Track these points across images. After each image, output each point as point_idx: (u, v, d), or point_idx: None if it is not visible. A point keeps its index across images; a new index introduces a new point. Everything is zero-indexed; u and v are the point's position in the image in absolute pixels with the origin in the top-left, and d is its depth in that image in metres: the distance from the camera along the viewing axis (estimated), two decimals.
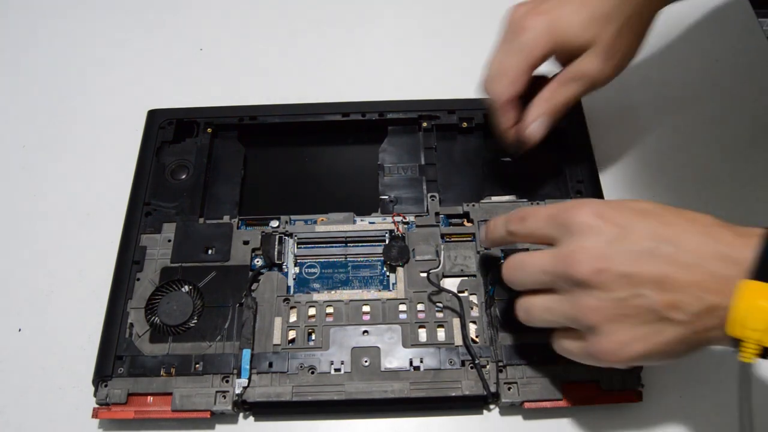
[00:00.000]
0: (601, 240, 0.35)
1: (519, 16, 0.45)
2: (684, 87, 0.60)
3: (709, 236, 0.34)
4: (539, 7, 0.44)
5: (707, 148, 0.56)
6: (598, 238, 0.35)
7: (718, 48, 0.62)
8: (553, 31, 0.43)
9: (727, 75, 0.61)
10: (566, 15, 0.43)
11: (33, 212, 0.55)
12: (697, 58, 0.62)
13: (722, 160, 0.55)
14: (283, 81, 0.62)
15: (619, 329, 0.35)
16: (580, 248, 0.35)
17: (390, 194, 0.52)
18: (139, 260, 0.48)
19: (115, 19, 0.67)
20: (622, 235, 0.35)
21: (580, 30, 0.43)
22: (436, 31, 0.66)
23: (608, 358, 0.36)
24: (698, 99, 0.40)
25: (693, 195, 0.54)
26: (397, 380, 0.43)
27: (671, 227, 0.35)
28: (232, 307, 0.46)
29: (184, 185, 0.53)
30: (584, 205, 0.37)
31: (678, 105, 0.59)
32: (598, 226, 0.35)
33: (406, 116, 0.55)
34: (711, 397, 0.44)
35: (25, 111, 0.61)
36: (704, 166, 0.55)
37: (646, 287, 0.34)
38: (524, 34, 0.44)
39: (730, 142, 0.56)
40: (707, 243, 0.33)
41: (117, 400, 0.43)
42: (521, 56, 0.44)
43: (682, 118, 0.58)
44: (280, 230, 0.50)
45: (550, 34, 0.43)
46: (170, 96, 0.59)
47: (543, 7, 0.44)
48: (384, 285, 0.48)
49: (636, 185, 0.54)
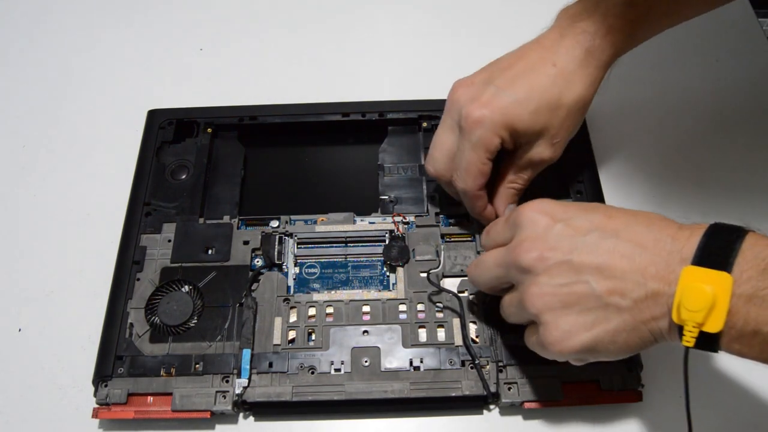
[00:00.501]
0: (546, 231, 0.37)
1: (466, 102, 0.44)
2: (684, 87, 0.60)
3: (652, 227, 0.35)
4: (484, 95, 0.43)
5: (707, 148, 0.56)
6: (543, 229, 0.37)
7: (718, 48, 0.62)
8: (504, 124, 0.43)
9: (727, 75, 0.61)
10: (514, 108, 0.43)
11: (33, 212, 0.55)
12: (697, 58, 0.62)
13: (722, 160, 0.55)
14: (283, 81, 0.62)
15: (563, 316, 0.36)
16: (525, 238, 0.38)
17: (390, 194, 0.52)
18: (139, 260, 0.48)
19: (116, 19, 0.67)
20: (565, 227, 0.37)
21: (529, 122, 0.43)
22: (436, 31, 0.66)
23: (556, 348, 0.36)
24: (698, 99, 0.40)
25: (693, 195, 0.54)
26: (397, 380, 0.43)
27: (614, 219, 0.36)
28: (232, 307, 0.46)
29: (184, 185, 0.53)
30: (533, 203, 0.39)
31: (678, 105, 0.59)
32: (543, 219, 0.38)
33: (406, 116, 0.56)
34: (710, 397, 0.44)
35: (25, 111, 0.61)
36: (704, 166, 0.55)
37: (588, 274, 0.35)
38: (477, 129, 0.43)
39: (729, 142, 0.56)
40: (649, 233, 0.35)
41: (117, 400, 0.43)
42: (480, 152, 0.44)
43: (682, 118, 0.58)
44: (280, 230, 0.50)
45: (503, 129, 0.43)
46: (170, 96, 0.60)
47: (487, 97, 0.43)
48: (384, 285, 0.48)
49: (636, 185, 0.54)
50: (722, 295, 0.31)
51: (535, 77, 0.43)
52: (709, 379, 0.45)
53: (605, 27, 0.43)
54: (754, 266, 0.31)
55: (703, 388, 0.44)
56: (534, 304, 0.37)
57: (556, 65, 0.43)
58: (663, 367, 0.45)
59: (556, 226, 0.37)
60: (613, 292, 0.34)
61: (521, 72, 0.44)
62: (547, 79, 0.43)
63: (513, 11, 0.67)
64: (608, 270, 0.35)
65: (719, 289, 0.31)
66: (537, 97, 0.43)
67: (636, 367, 0.43)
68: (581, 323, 0.35)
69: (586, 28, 0.43)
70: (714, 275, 0.31)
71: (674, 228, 0.35)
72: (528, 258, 0.37)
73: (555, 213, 0.38)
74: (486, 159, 0.44)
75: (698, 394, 0.35)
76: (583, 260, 0.35)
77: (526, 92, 0.43)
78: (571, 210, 0.38)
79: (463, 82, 0.46)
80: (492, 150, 0.44)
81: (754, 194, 0.53)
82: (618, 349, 0.36)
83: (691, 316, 0.32)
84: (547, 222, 0.37)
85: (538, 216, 0.38)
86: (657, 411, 0.44)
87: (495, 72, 0.45)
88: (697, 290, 0.31)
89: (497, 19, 0.66)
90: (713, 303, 0.31)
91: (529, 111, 0.43)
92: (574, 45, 0.44)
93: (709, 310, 0.31)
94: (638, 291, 0.34)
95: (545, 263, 0.36)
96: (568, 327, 0.36)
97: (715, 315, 0.31)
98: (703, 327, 0.32)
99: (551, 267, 0.36)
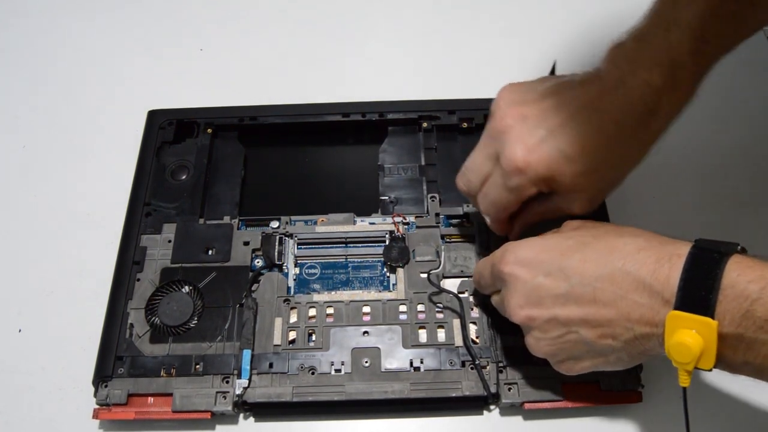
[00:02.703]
0: (526, 289, 0.38)
1: (511, 140, 0.40)
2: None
3: (631, 265, 0.34)
4: (532, 138, 0.39)
5: (707, 147, 0.56)
6: (523, 287, 0.38)
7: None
8: (546, 178, 0.39)
9: (727, 75, 0.61)
10: (560, 165, 0.39)
11: (33, 212, 0.55)
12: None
13: (722, 160, 0.55)
14: (283, 81, 0.62)
15: (564, 361, 0.39)
16: (509, 300, 0.39)
17: (390, 195, 0.52)
18: (140, 260, 0.48)
19: (116, 20, 0.67)
20: (545, 278, 0.37)
21: (571, 182, 0.39)
22: (436, 31, 0.66)
23: (563, 373, 0.40)
24: (698, 99, 0.40)
25: (692, 195, 0.54)
26: (397, 381, 0.43)
27: (588, 264, 0.36)
28: (232, 307, 0.46)
29: (184, 185, 0.53)
30: (507, 254, 0.39)
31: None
32: (520, 275, 0.38)
33: (406, 116, 0.55)
34: (710, 397, 0.44)
35: (25, 111, 0.61)
36: (703, 166, 0.55)
37: (576, 325, 0.36)
38: (516, 177, 0.40)
39: (729, 142, 0.56)
40: (627, 275, 0.34)
41: (117, 400, 0.43)
42: (513, 196, 0.41)
43: (682, 118, 0.58)
44: (280, 231, 0.50)
45: (543, 182, 0.40)
46: (170, 96, 0.59)
47: (535, 142, 0.39)
48: (384, 286, 0.48)
49: (636, 185, 0.54)
50: (709, 342, 0.31)
51: (589, 132, 0.38)
52: (708, 390, 0.45)
53: (671, 81, 0.37)
54: (737, 307, 0.31)
55: (701, 393, 0.44)
56: (534, 351, 0.40)
57: (617, 123, 0.38)
58: (663, 368, 0.45)
59: (536, 280, 0.37)
60: (603, 337, 0.36)
61: (575, 116, 0.39)
62: (603, 141, 0.38)
63: (513, 11, 0.67)
64: (594, 320, 0.36)
65: (705, 336, 0.31)
66: (586, 159, 0.39)
67: (636, 368, 0.43)
68: (581, 362, 0.39)
69: (652, 83, 0.37)
70: (698, 321, 0.31)
71: (652, 262, 0.34)
72: (518, 318, 0.39)
73: (529, 263, 0.38)
74: (517, 202, 0.42)
75: (696, 398, 0.35)
76: (568, 315, 0.36)
77: (578, 151, 0.39)
78: (545, 256, 0.38)
79: (514, 98, 0.41)
80: (526, 196, 0.41)
81: (753, 194, 0.53)
82: (616, 367, 0.38)
83: (682, 365, 0.33)
84: (525, 276, 0.38)
85: (517, 270, 0.38)
86: (657, 411, 0.44)
87: (550, 104, 0.40)
88: (683, 347, 0.32)
89: (497, 19, 0.66)
90: (701, 353, 0.31)
91: (573, 171, 0.39)
92: (638, 101, 0.38)
93: (698, 358, 0.32)
94: (627, 334, 0.35)
95: (535, 322, 0.38)
96: (570, 366, 0.39)
97: (705, 359, 0.32)
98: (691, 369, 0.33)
99: (541, 324, 0.38)
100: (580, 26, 0.65)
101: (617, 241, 0.36)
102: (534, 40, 0.64)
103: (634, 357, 0.36)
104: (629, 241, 0.36)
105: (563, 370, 0.40)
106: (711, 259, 0.32)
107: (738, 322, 0.31)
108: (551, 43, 0.63)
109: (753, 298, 0.30)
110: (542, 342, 0.38)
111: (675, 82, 0.37)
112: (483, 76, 0.61)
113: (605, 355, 0.37)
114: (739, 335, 0.31)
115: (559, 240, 0.39)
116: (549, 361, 0.40)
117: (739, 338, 0.31)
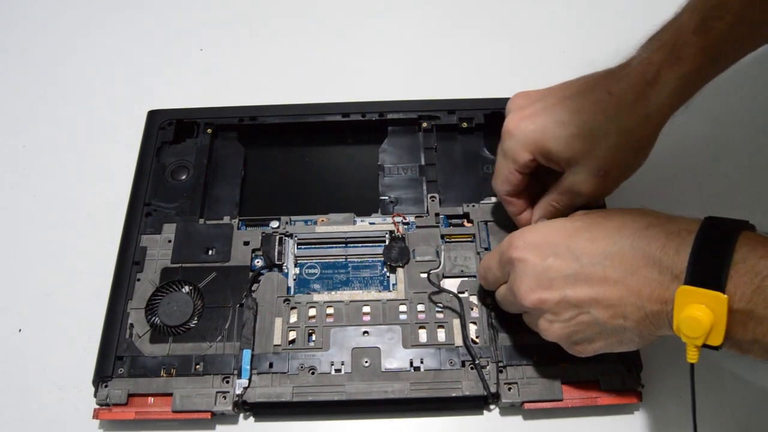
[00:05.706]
0: (536, 271, 0.38)
1: (512, 110, 0.43)
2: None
3: (640, 242, 0.34)
4: (528, 108, 0.42)
5: (707, 147, 0.56)
6: (533, 270, 0.38)
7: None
8: (535, 142, 0.41)
9: (727, 75, 0.61)
10: (551, 128, 0.40)
11: (33, 212, 0.55)
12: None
13: (721, 159, 0.55)
14: (283, 81, 0.62)
15: (577, 343, 0.39)
16: (519, 285, 0.39)
17: (390, 195, 0.52)
18: (140, 261, 0.48)
19: (116, 20, 0.67)
20: (554, 260, 0.37)
21: (564, 147, 0.40)
22: (436, 31, 0.66)
23: (579, 356, 0.40)
24: (698, 99, 0.40)
25: (692, 194, 0.54)
26: (397, 381, 0.43)
27: (598, 243, 0.36)
28: (232, 307, 0.46)
29: (184, 186, 0.53)
30: (515, 239, 0.39)
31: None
32: (530, 258, 0.38)
33: (406, 116, 0.56)
34: (710, 397, 0.44)
35: (25, 111, 0.61)
36: (703, 165, 0.55)
37: (587, 306, 0.36)
38: (508, 140, 0.42)
39: (729, 142, 0.56)
40: (637, 251, 0.34)
41: (117, 400, 0.43)
42: (508, 162, 0.43)
43: (682, 117, 0.58)
44: (280, 231, 0.50)
45: (533, 145, 0.41)
46: (170, 96, 0.59)
47: (531, 111, 0.42)
48: (384, 285, 0.48)
49: (636, 185, 0.54)
50: (719, 316, 0.31)
51: (585, 101, 0.40)
52: (712, 381, 0.45)
53: (673, 57, 0.38)
54: (748, 282, 0.31)
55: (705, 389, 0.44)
56: (547, 335, 0.39)
57: (612, 93, 0.40)
58: (663, 367, 0.45)
59: (546, 262, 0.37)
60: (615, 317, 0.36)
61: (574, 94, 0.41)
62: (596, 106, 0.40)
63: (513, 11, 0.67)
64: (605, 300, 0.35)
65: (715, 311, 0.31)
66: (579, 122, 0.40)
67: (636, 367, 0.43)
68: (594, 343, 0.38)
69: (652, 59, 0.39)
70: (708, 296, 0.31)
71: (662, 237, 0.34)
72: (529, 302, 0.38)
73: (537, 246, 0.38)
74: (514, 170, 0.43)
75: (700, 395, 0.35)
76: (578, 295, 0.36)
77: (570, 115, 0.40)
78: (553, 238, 0.38)
79: (522, 92, 0.44)
80: (521, 163, 0.42)
81: (753, 194, 0.53)
82: (629, 347, 0.38)
83: (691, 340, 0.32)
84: (534, 259, 0.38)
85: (526, 254, 0.38)
86: (657, 411, 0.44)
87: (554, 89, 0.43)
88: (693, 320, 0.31)
89: (497, 19, 0.66)
90: (711, 327, 0.31)
91: (567, 134, 0.40)
92: (637, 75, 0.39)
93: (708, 333, 0.32)
94: (637, 313, 0.35)
95: (546, 304, 0.38)
96: (583, 347, 0.39)
97: (714, 335, 0.32)
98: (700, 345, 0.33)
99: (552, 306, 0.38)
100: (580, 26, 0.65)
101: (625, 218, 0.36)
102: (534, 40, 0.64)
103: (644, 338, 0.36)
104: (638, 218, 0.36)
105: (576, 352, 0.39)
106: (723, 234, 0.32)
107: (749, 298, 0.31)
108: (551, 43, 0.63)
109: (765, 274, 0.30)
110: (555, 325, 0.38)
111: (677, 59, 0.38)
112: (483, 76, 0.61)
113: (617, 335, 0.37)
114: (749, 311, 0.31)
115: (567, 223, 0.39)
116: (561, 344, 0.40)
117: (749, 314, 0.31)
